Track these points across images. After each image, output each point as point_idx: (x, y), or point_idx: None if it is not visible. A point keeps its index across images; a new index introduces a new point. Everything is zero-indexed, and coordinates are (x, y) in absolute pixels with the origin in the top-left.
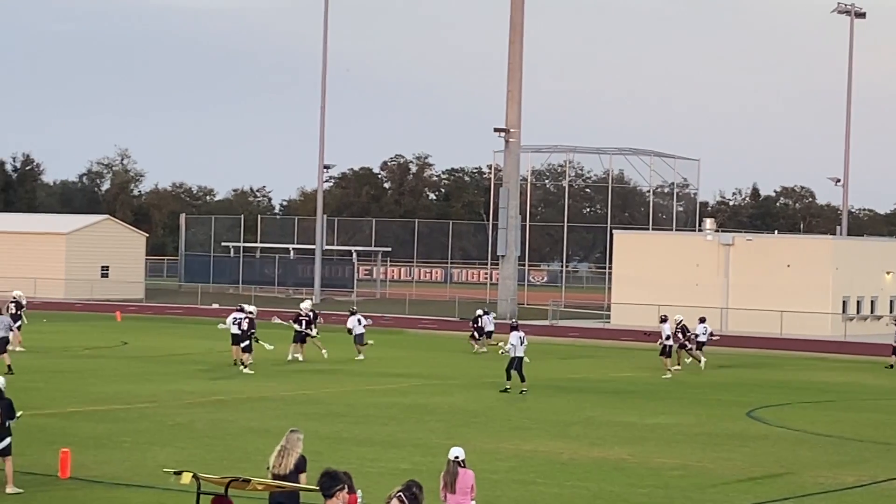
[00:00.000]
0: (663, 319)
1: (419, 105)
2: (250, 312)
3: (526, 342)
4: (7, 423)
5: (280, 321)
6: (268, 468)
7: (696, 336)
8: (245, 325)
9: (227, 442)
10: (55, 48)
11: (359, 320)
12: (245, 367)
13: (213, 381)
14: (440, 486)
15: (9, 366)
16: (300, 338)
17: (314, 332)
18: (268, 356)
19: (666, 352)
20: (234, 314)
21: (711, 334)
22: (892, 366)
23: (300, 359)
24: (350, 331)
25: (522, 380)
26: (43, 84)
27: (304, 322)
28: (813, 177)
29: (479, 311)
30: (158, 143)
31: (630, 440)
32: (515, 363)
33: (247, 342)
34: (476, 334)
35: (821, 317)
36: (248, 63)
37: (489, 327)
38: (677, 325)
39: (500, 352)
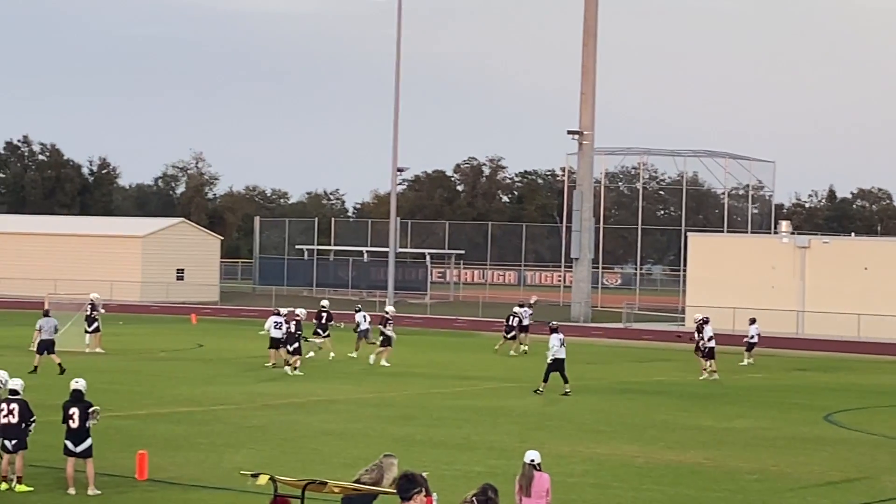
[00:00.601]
0: (752, 321)
1: (492, 107)
2: (298, 315)
3: (565, 344)
4: (87, 425)
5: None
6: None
7: (751, 337)
8: (292, 328)
9: (303, 444)
10: (131, 52)
11: (364, 317)
12: (295, 369)
13: (287, 384)
14: (515, 489)
15: (59, 364)
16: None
17: (325, 332)
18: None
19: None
20: (273, 318)
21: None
22: None
23: (330, 355)
24: (357, 326)
25: (566, 381)
26: (119, 88)
27: (323, 317)
28: (890, 178)
29: (516, 308)
30: (233, 146)
31: (706, 444)
32: (557, 365)
33: (296, 344)
34: (506, 334)
35: None
36: (321, 67)
37: (526, 321)
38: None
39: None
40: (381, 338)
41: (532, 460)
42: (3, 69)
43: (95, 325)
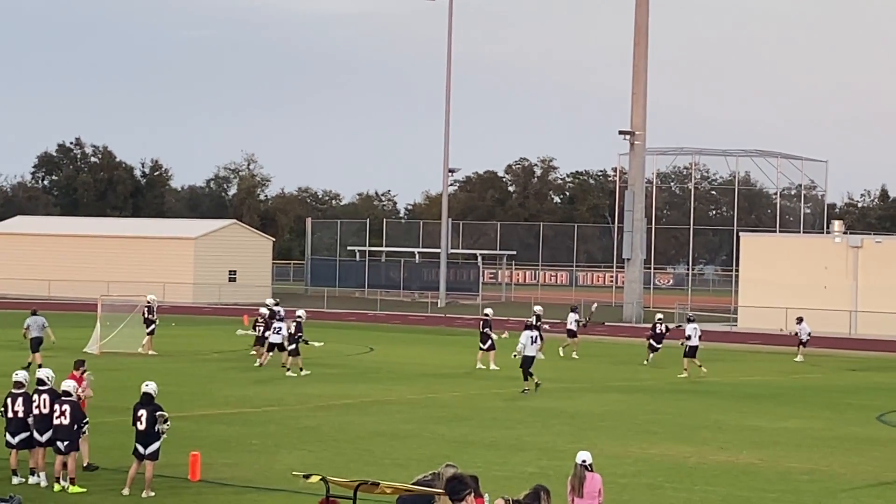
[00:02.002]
0: (799, 320)
1: (544, 108)
2: (299, 316)
3: (539, 341)
4: (156, 430)
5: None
6: None
7: (798, 335)
8: (292, 329)
9: (355, 445)
10: (183, 54)
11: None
12: (289, 369)
13: (339, 384)
14: (567, 490)
15: (39, 364)
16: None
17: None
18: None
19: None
20: (275, 323)
21: (809, 335)
22: None
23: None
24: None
25: (530, 377)
26: (171, 90)
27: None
28: None
29: (537, 309)
30: (284, 147)
31: (759, 444)
32: (529, 362)
33: (293, 346)
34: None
35: None
36: (373, 68)
37: (571, 325)
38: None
39: (513, 355)
40: (488, 342)
41: (584, 461)
42: (56, 72)
43: (153, 326)
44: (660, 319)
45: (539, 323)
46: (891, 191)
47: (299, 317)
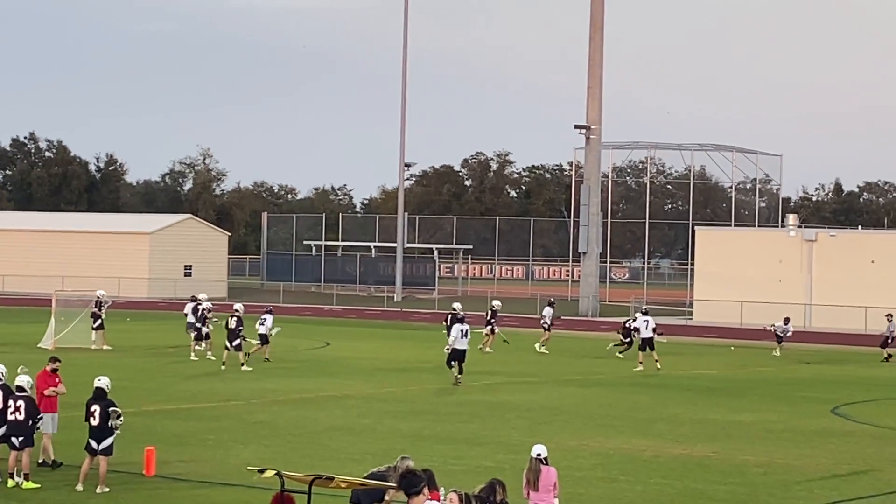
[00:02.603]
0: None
1: (500, 103)
2: (237, 310)
3: (469, 335)
4: (109, 425)
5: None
6: None
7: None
8: (232, 324)
9: (311, 439)
10: (137, 48)
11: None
12: (243, 363)
13: (295, 379)
14: (523, 483)
15: None
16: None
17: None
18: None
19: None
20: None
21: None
22: (887, 357)
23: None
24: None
25: (460, 371)
26: (126, 84)
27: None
28: None
29: (495, 304)
30: (240, 142)
31: (714, 437)
32: (457, 355)
33: (237, 341)
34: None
35: None
36: (328, 62)
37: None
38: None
39: (445, 349)
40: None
41: (539, 454)
42: (10, 67)
43: (99, 321)
44: (633, 317)
45: (494, 320)
46: (845, 185)
47: (237, 310)
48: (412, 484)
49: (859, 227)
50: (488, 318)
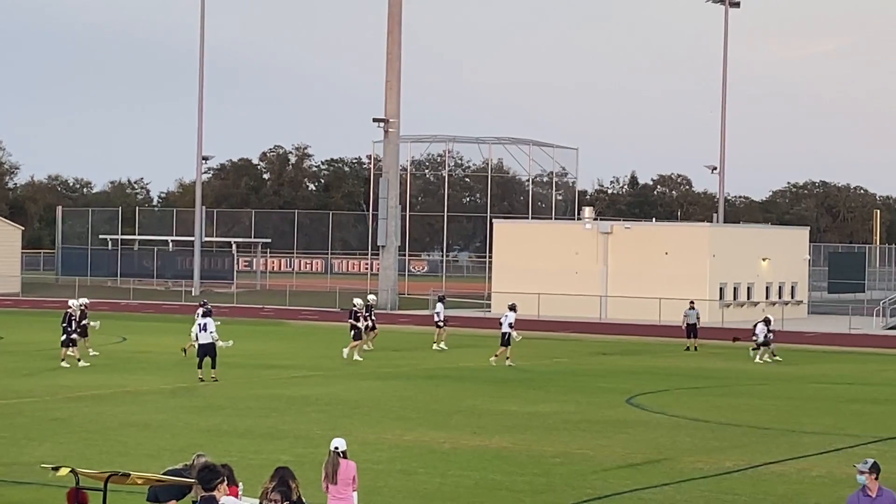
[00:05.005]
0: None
1: (298, 95)
2: (81, 305)
3: (211, 327)
4: None
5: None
6: None
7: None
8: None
9: (107, 436)
10: None
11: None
12: (80, 359)
13: (91, 375)
14: (322, 476)
15: None
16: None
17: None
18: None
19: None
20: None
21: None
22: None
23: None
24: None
25: (213, 366)
26: None
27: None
28: (690, 165)
29: (371, 298)
30: (34, 135)
31: (511, 428)
32: (206, 350)
33: (65, 336)
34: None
35: (698, 304)
36: (124, 53)
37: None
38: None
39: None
40: (352, 332)
41: (336, 448)
42: None
43: None
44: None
45: (369, 314)
46: (640, 177)
47: (82, 305)
48: (207, 479)
49: (653, 219)
50: (354, 313)
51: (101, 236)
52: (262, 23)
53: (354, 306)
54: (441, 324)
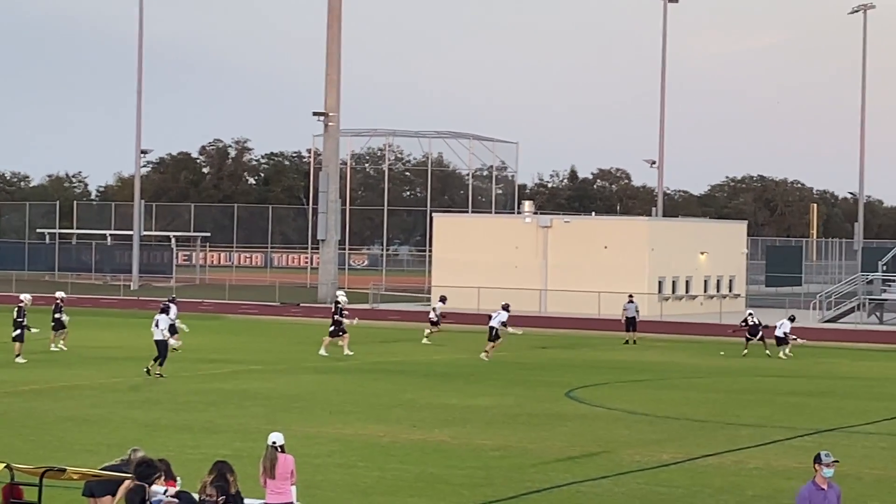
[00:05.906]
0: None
1: (238, 89)
2: (22, 301)
3: (162, 325)
4: None
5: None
6: None
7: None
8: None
9: (44, 431)
10: None
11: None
12: (18, 356)
13: (27, 370)
14: (260, 471)
15: None
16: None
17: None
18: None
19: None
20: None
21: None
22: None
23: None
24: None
25: (160, 364)
26: None
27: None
28: (629, 159)
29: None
30: None
31: (451, 422)
32: (158, 346)
33: (18, 331)
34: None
35: (637, 297)
36: (62, 45)
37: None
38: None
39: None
40: (331, 327)
41: (274, 442)
42: None
43: None
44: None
45: (344, 310)
46: (580, 171)
47: (22, 301)
48: (145, 474)
49: (593, 213)
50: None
51: (38, 230)
52: (203, 16)
53: (339, 302)
54: (434, 320)
